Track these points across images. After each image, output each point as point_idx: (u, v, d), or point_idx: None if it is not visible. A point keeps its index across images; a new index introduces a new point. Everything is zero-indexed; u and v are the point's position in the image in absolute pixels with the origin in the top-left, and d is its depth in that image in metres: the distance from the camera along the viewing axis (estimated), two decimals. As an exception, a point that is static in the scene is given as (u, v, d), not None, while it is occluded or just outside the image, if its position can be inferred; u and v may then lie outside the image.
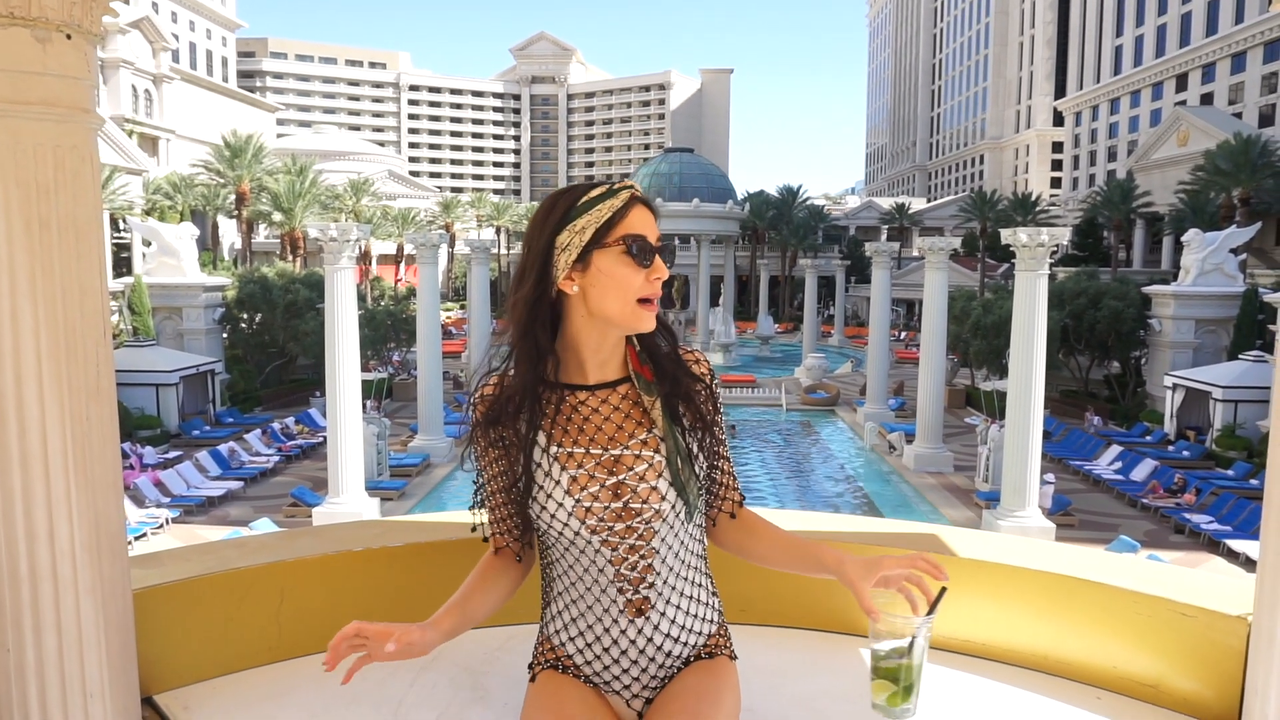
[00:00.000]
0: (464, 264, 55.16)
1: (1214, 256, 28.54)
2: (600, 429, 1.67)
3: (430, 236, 23.32)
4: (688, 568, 1.74)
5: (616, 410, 1.68)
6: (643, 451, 1.66)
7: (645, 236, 1.60)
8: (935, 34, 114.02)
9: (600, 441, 1.66)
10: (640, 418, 1.68)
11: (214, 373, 27.76)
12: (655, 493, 1.65)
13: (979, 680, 2.37)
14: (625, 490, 1.64)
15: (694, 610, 1.75)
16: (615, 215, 1.59)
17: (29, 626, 1.79)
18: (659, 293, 1.63)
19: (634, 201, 1.62)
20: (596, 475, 1.64)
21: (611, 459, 1.65)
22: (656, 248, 1.62)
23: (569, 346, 1.68)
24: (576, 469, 1.65)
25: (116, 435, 1.92)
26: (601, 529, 1.64)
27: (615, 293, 1.59)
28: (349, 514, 15.78)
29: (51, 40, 1.71)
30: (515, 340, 1.66)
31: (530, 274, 1.64)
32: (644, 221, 1.62)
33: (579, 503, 1.63)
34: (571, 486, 1.64)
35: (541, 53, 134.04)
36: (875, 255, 27.70)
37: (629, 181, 1.66)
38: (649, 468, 1.65)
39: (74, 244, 1.77)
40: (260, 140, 46.52)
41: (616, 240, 1.58)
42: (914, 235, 66.75)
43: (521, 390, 1.65)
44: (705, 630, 1.78)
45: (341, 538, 2.66)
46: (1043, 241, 15.68)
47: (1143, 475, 20.90)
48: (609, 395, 1.69)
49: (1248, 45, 53.67)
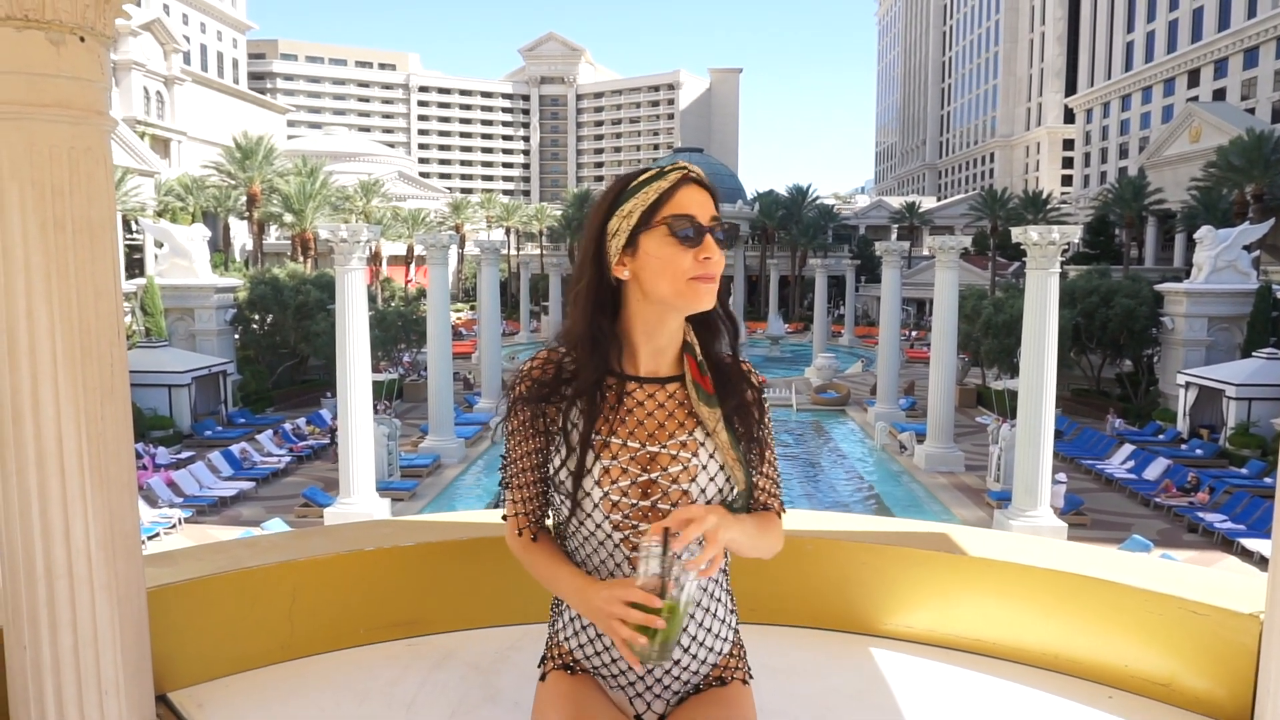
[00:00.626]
0: (474, 265, 55.29)
1: (1227, 253, 28.34)
2: (642, 423, 1.63)
3: (440, 237, 23.36)
4: (703, 591, 1.69)
5: (661, 407, 1.64)
6: (680, 453, 1.62)
7: (694, 216, 1.56)
8: (945, 31, 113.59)
9: (640, 436, 1.62)
10: (684, 419, 1.64)
11: (226, 373, 27.91)
12: (686, 497, 1.61)
13: (990, 680, 2.36)
14: (656, 490, 1.61)
15: (710, 625, 1.71)
16: (662, 197, 1.56)
17: (45, 624, 1.81)
18: (711, 273, 1.57)
19: (685, 182, 1.58)
20: (629, 470, 1.61)
21: (647, 455, 1.62)
22: (707, 227, 1.57)
23: (624, 333, 1.65)
24: (610, 460, 1.61)
25: (131, 435, 1.94)
26: (625, 526, 1.61)
27: (665, 274, 1.56)
28: (360, 514, 15.83)
29: (65, 43, 1.73)
30: (580, 329, 1.63)
31: (586, 263, 1.62)
32: (694, 201, 1.57)
33: (606, 495, 1.60)
34: (602, 477, 1.61)
35: (550, 53, 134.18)
36: (885, 254, 27.61)
37: (683, 163, 1.61)
38: (683, 470, 1.62)
39: (88, 245, 1.79)
40: (271, 142, 46.72)
41: (661, 221, 1.55)
42: (924, 234, 66.49)
43: (586, 379, 1.61)
44: (720, 649, 1.73)
45: (353, 537, 2.68)
46: (1054, 239, 15.60)
47: (1156, 474, 20.77)
48: (657, 391, 1.65)
49: (1261, 40, 53.25)
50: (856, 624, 2.58)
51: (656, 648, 1.45)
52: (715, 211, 1.60)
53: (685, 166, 1.60)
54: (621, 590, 1.47)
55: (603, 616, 1.50)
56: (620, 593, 1.47)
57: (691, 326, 1.69)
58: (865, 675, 2.39)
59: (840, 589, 2.60)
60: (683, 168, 1.59)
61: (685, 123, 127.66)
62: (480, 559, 2.63)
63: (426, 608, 2.61)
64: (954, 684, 2.35)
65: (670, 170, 1.59)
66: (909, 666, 2.42)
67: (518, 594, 2.61)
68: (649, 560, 1.46)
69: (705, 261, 1.56)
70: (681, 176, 1.58)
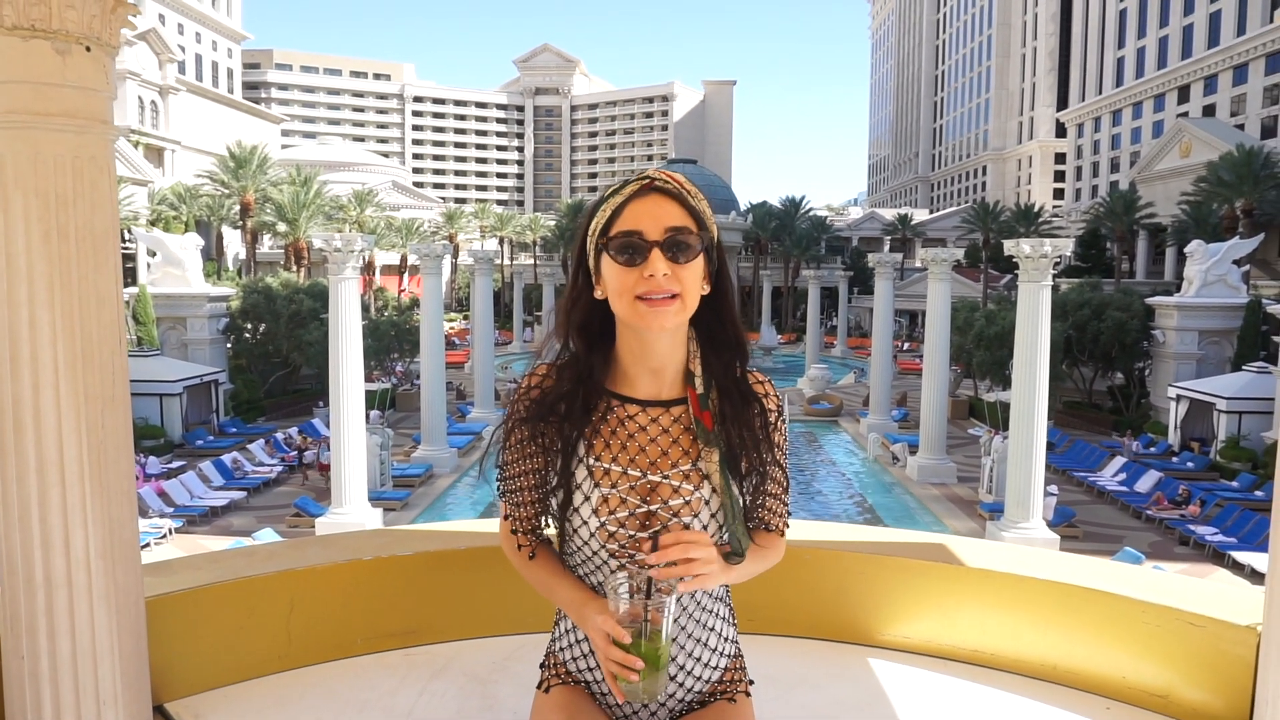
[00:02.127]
0: (467, 275, 55.23)
1: (1217, 268, 28.53)
2: (644, 450, 1.55)
3: (434, 247, 23.36)
4: (703, 609, 1.64)
5: (665, 433, 1.56)
6: (682, 485, 1.54)
7: (641, 231, 1.45)
8: (938, 45, 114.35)
9: (641, 464, 1.54)
10: (689, 446, 1.56)
11: (218, 382, 27.80)
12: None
13: (989, 690, 2.36)
14: (655, 522, 1.54)
15: (709, 647, 1.66)
16: (615, 214, 1.49)
17: (44, 633, 1.80)
18: (656, 290, 1.45)
19: (641, 193, 1.49)
20: (628, 500, 1.54)
21: (647, 486, 1.54)
22: (654, 241, 1.45)
23: (617, 355, 1.58)
24: (610, 488, 1.54)
25: (131, 444, 1.94)
26: (622, 555, 1.54)
27: (616, 296, 1.48)
28: (352, 524, 15.74)
29: (71, 52, 1.73)
30: (560, 344, 1.60)
31: (570, 282, 1.58)
32: (644, 214, 1.47)
33: (603, 525, 1.54)
34: (600, 507, 1.54)
35: (545, 64, 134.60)
36: (878, 266, 27.70)
37: (649, 171, 1.52)
38: (685, 504, 1.54)
39: (91, 254, 1.79)
40: (265, 151, 46.68)
41: (607, 240, 1.48)
42: (917, 246, 66.65)
43: (558, 393, 1.56)
44: (720, 664, 1.69)
45: (351, 547, 2.67)
46: (1046, 252, 15.69)
47: (1147, 487, 20.83)
48: (660, 415, 1.57)
49: (1250, 57, 53.76)
50: (855, 634, 2.58)
51: (641, 688, 1.43)
52: (680, 220, 1.48)
53: (649, 176, 1.50)
54: (607, 622, 1.44)
55: (595, 638, 1.48)
56: (609, 624, 1.44)
57: (699, 346, 1.59)
58: (864, 685, 2.39)
59: (839, 599, 2.60)
60: (646, 177, 1.50)
61: (679, 134, 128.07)
62: (478, 569, 2.62)
63: (424, 617, 2.60)
64: (953, 694, 2.35)
65: (628, 183, 1.51)
66: (908, 677, 2.42)
67: (515, 604, 2.60)
68: (618, 598, 1.45)
69: (649, 279, 1.45)
70: (636, 189, 1.49)
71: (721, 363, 1.59)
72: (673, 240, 1.47)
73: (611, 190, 1.53)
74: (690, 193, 1.52)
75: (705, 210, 1.53)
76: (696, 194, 1.53)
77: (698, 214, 1.51)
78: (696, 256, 1.49)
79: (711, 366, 1.58)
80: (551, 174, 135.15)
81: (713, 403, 1.56)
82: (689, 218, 1.50)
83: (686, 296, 1.49)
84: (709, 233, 1.53)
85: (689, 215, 1.50)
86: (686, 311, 1.50)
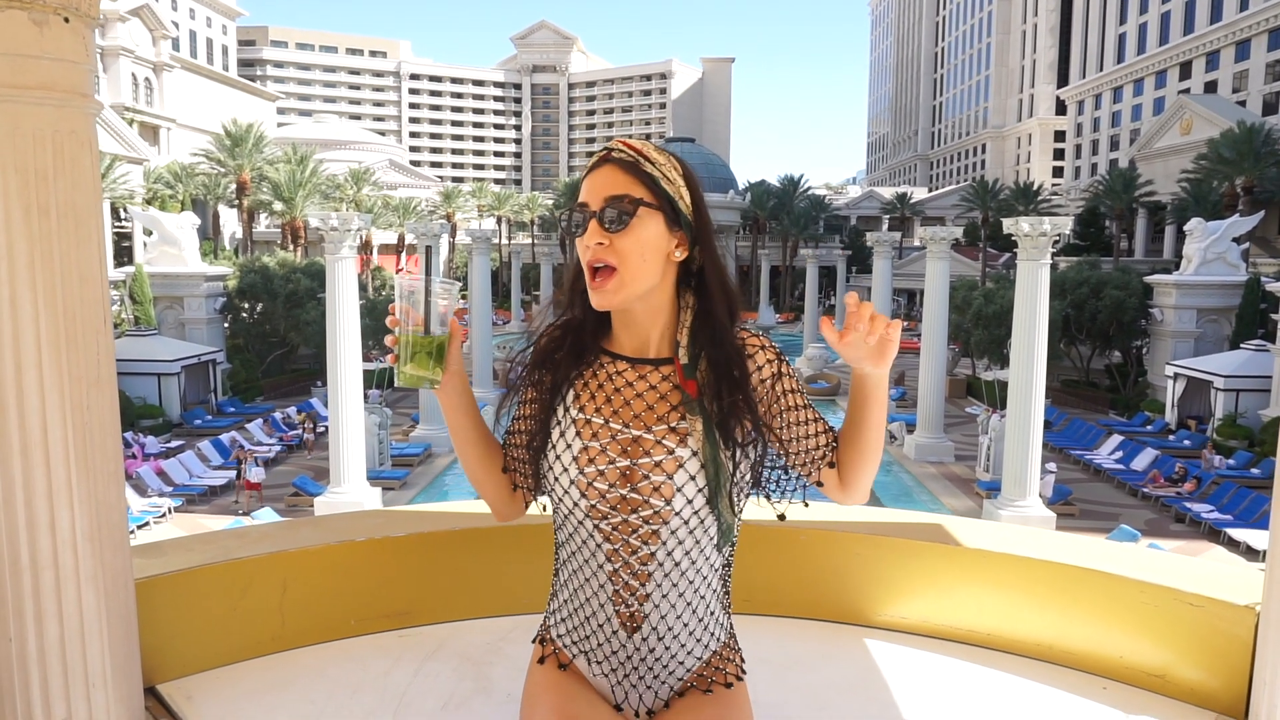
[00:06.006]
0: (465, 254, 55.07)
1: (1216, 245, 28.47)
2: (629, 404, 1.54)
3: (431, 226, 23.29)
4: (694, 588, 1.59)
5: (652, 389, 1.54)
6: (665, 439, 1.51)
7: (585, 204, 1.47)
8: (937, 22, 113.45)
9: (624, 416, 1.54)
10: (677, 403, 1.53)
11: (215, 362, 27.78)
12: (668, 486, 1.50)
13: (985, 670, 2.36)
14: (636, 476, 1.51)
15: (696, 631, 1.62)
16: (578, 188, 1.52)
17: (31, 615, 1.78)
18: (592, 260, 1.46)
19: (597, 165, 1.50)
20: (609, 451, 1.53)
21: (630, 438, 1.53)
22: (593, 212, 1.46)
23: (615, 315, 1.60)
24: (590, 439, 1.54)
25: (118, 424, 1.91)
26: (597, 514, 1.53)
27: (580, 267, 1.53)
28: (351, 504, 15.79)
29: (49, 23, 1.69)
30: (559, 304, 1.66)
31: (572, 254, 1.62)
32: (594, 184, 1.48)
33: (582, 474, 1.53)
34: (580, 456, 1.53)
35: (543, 41, 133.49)
36: (876, 245, 27.62)
37: (616, 140, 1.51)
38: (668, 457, 1.51)
39: (73, 231, 1.76)
40: (261, 129, 46.37)
41: (568, 215, 1.51)
42: (915, 225, 66.55)
43: (554, 342, 1.62)
44: (711, 645, 1.65)
45: (344, 528, 2.65)
46: (1044, 231, 15.64)
47: (1143, 465, 20.90)
48: (649, 372, 1.56)
49: (1252, 33, 53.39)
50: (851, 615, 2.58)
51: (409, 371, 1.53)
52: (622, 189, 1.45)
53: (608, 147, 1.50)
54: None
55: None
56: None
57: (692, 311, 1.56)
58: (860, 666, 2.38)
59: (834, 579, 2.59)
60: (606, 149, 1.50)
61: (677, 112, 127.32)
62: (472, 550, 2.61)
63: (418, 598, 2.59)
64: (949, 675, 2.35)
65: (596, 156, 1.52)
66: (904, 657, 2.41)
67: (510, 585, 2.59)
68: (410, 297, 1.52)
69: (588, 249, 1.47)
70: (595, 161, 1.50)
71: (708, 331, 1.54)
72: (605, 210, 1.45)
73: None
74: (649, 159, 1.47)
75: (667, 175, 1.48)
76: (660, 160, 1.49)
77: (652, 181, 1.47)
78: (631, 224, 1.45)
79: (698, 336, 1.54)
80: (549, 153, 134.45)
81: (701, 374, 1.52)
82: (639, 185, 1.46)
83: (624, 269, 1.45)
84: (668, 200, 1.48)
85: (639, 183, 1.46)
86: (627, 286, 1.47)
